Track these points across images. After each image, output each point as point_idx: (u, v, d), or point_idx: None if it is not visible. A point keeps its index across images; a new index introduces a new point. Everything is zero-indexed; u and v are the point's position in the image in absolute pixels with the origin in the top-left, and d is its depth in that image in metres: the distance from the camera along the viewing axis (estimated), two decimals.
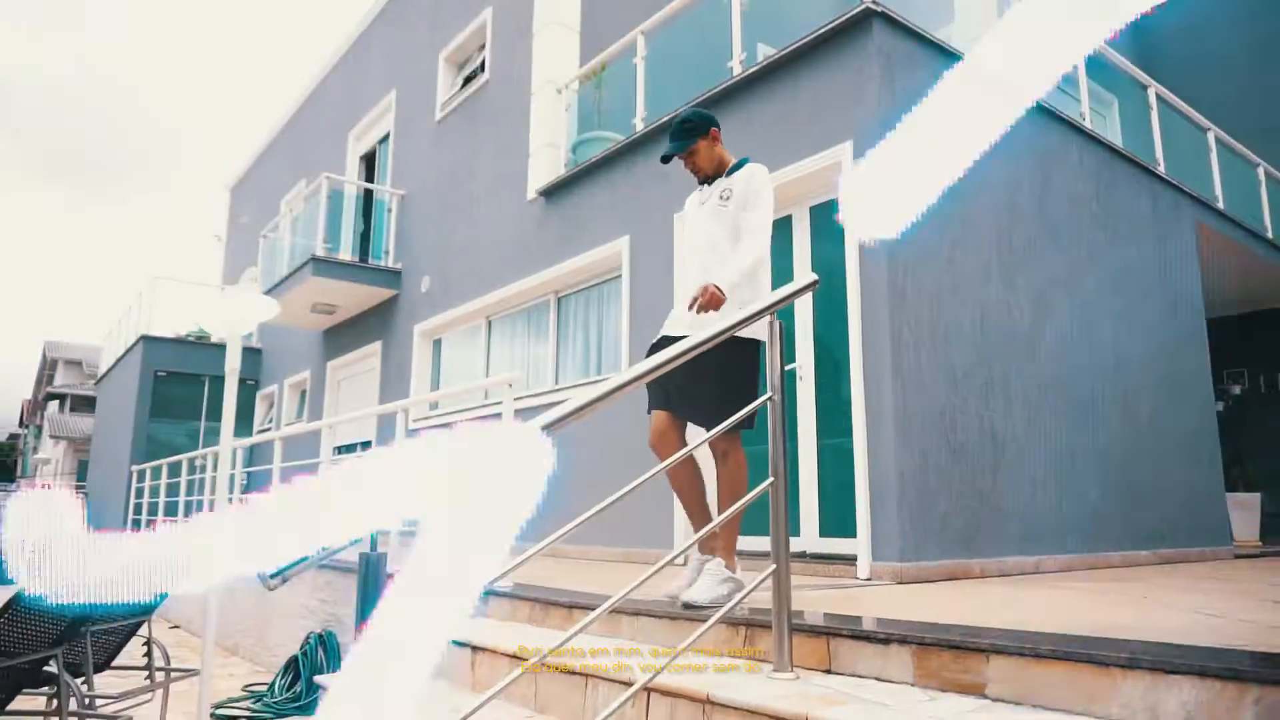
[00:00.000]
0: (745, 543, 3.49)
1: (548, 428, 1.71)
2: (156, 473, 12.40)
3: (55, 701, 3.36)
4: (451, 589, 1.22)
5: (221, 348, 14.43)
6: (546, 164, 7.52)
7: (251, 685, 5.92)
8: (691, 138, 3.29)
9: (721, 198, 3.24)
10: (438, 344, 9.24)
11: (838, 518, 4.85)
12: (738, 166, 3.31)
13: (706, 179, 3.37)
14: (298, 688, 5.40)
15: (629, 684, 2.41)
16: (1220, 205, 7.82)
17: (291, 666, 5.56)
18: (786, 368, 5.20)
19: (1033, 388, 5.28)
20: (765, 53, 5.95)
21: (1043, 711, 1.88)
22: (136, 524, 12.52)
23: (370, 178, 11.75)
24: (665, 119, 6.15)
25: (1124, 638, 2.14)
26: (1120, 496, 5.75)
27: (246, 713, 5.21)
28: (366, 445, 9.60)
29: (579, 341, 7.19)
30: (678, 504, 4.77)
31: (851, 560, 4.53)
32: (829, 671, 2.38)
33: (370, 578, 4.21)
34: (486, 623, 3.67)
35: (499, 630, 3.41)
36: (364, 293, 10.11)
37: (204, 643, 3.95)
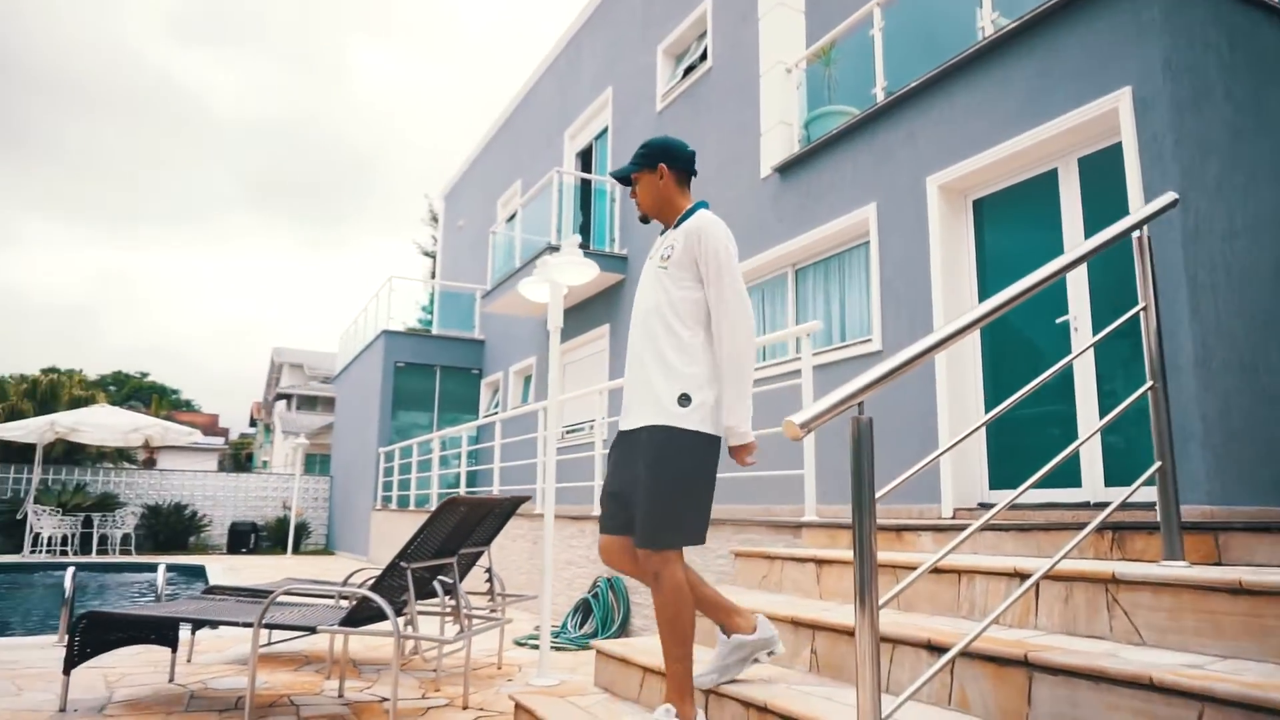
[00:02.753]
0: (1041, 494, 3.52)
1: (863, 390, 1.85)
2: (405, 453, 13.71)
3: (453, 604, 3.96)
4: None
5: (448, 341, 15.73)
6: (780, 142, 7.79)
7: (539, 626, 6.54)
8: (636, 165, 2.81)
9: (663, 258, 2.71)
10: None
11: (1123, 469, 4.82)
12: (686, 216, 2.74)
13: (647, 219, 2.89)
14: (589, 626, 5.94)
15: (1011, 574, 2.63)
16: None
17: (581, 608, 6.12)
18: (1058, 320, 5.24)
19: None
20: (999, 21, 5.96)
21: None
22: (387, 499, 13.89)
23: (587, 172, 12.44)
24: (910, 86, 6.27)
25: None
26: None
27: (551, 644, 5.78)
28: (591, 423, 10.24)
29: (819, 311, 7.40)
30: (807, 466, 4.90)
31: (1148, 507, 4.49)
32: (1218, 564, 2.50)
33: None
34: (807, 546, 3.98)
35: (828, 550, 3.70)
36: (593, 278, 10.73)
37: (544, 570, 4.50)
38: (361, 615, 3.59)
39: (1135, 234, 2.65)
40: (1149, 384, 2.55)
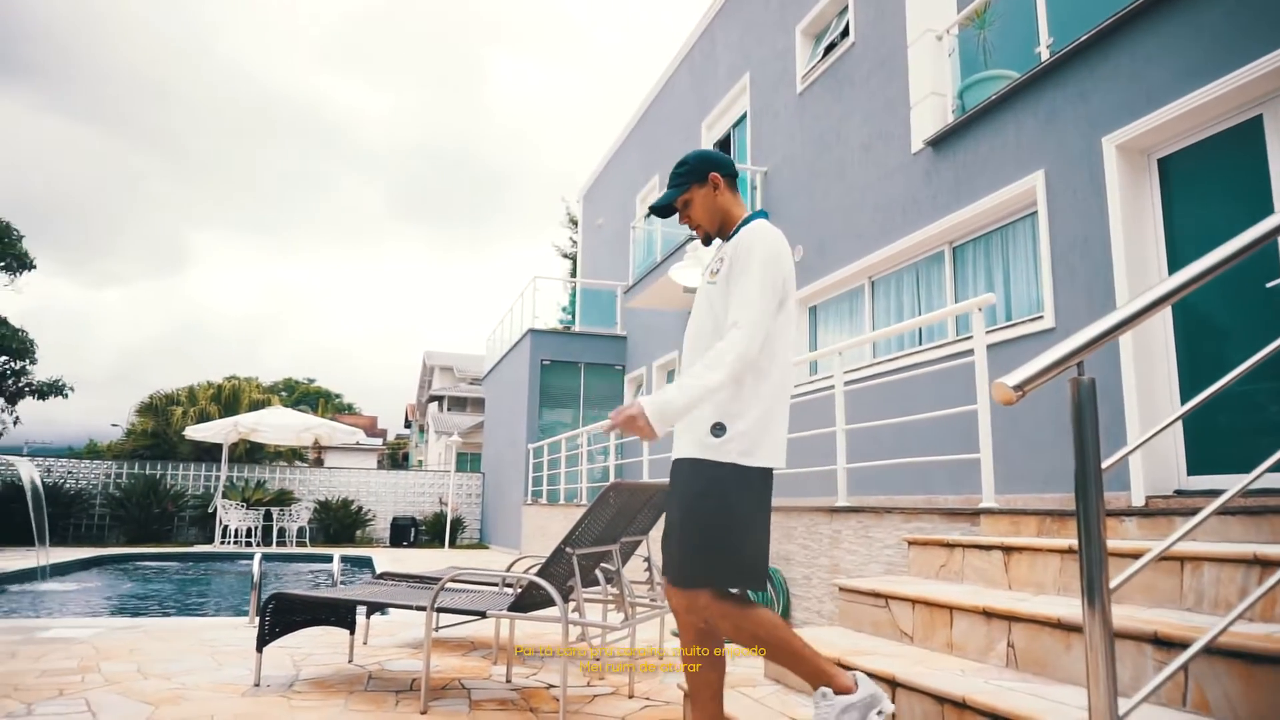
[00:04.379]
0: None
1: (1084, 347, 1.65)
2: (554, 448, 14.01)
3: (615, 592, 3.94)
4: None
5: (591, 337, 15.97)
6: (932, 113, 7.39)
7: None
8: (683, 183, 2.56)
9: (712, 273, 2.48)
10: (814, 311, 9.45)
11: None
12: (741, 226, 2.49)
13: (711, 239, 2.60)
14: None
15: (1250, 561, 2.32)
16: None
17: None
18: (1270, 284, 4.68)
19: None
20: None
21: None
22: (537, 494, 14.23)
23: None
24: (1080, 40, 5.78)
25: None
26: None
27: None
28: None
29: (980, 289, 6.97)
30: (984, 450, 4.47)
31: None
32: None
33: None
34: (987, 534, 3.71)
35: (1016, 537, 3.42)
36: None
37: None
38: (528, 601, 3.61)
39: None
40: None
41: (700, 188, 2.56)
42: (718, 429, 2.33)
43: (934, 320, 4.72)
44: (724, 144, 12.40)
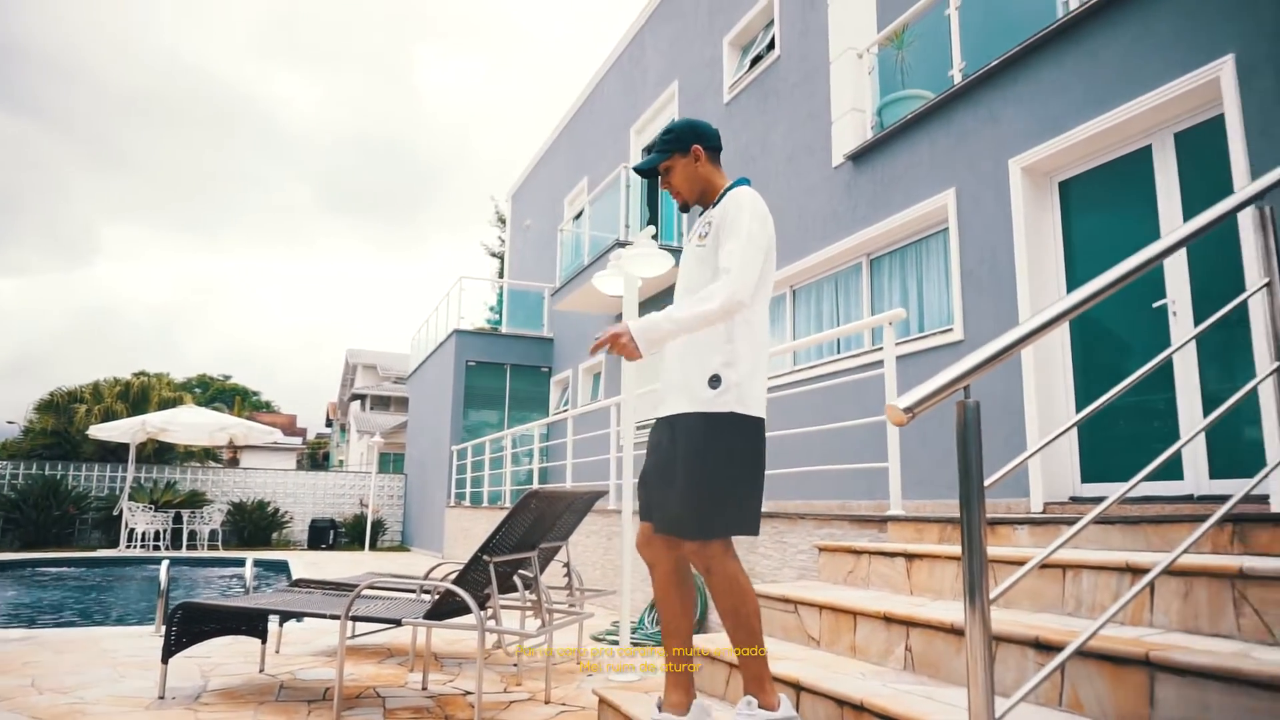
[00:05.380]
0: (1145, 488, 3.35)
1: (969, 373, 1.74)
2: (477, 450, 13.90)
3: (535, 599, 3.96)
4: None
5: (518, 339, 15.89)
6: (853, 129, 7.62)
7: (617, 622, 6.53)
8: (666, 151, 2.70)
9: (700, 236, 2.63)
10: None
11: (1232, 459, 4.56)
12: (725, 193, 2.65)
13: (688, 206, 2.77)
14: None
15: (1122, 569, 2.49)
16: None
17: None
18: (1155, 304, 4.99)
19: None
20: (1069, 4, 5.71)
21: None
22: (460, 496, 14.09)
23: None
24: (990, 65, 6.05)
25: None
26: None
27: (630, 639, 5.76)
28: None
29: (895, 301, 7.22)
30: (892, 459, 4.72)
31: (1260, 500, 4.24)
32: None
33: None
34: (894, 540, 3.86)
35: (918, 544, 3.58)
36: (664, 272, 10.69)
37: (623, 563, 4.47)
38: (444, 609, 3.61)
39: (1253, 208, 2.47)
40: (1274, 365, 2.37)
41: (682, 157, 2.68)
42: (714, 380, 2.44)
43: (850, 332, 4.88)
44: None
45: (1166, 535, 2.79)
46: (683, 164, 2.69)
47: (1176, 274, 4.90)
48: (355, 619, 3.58)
